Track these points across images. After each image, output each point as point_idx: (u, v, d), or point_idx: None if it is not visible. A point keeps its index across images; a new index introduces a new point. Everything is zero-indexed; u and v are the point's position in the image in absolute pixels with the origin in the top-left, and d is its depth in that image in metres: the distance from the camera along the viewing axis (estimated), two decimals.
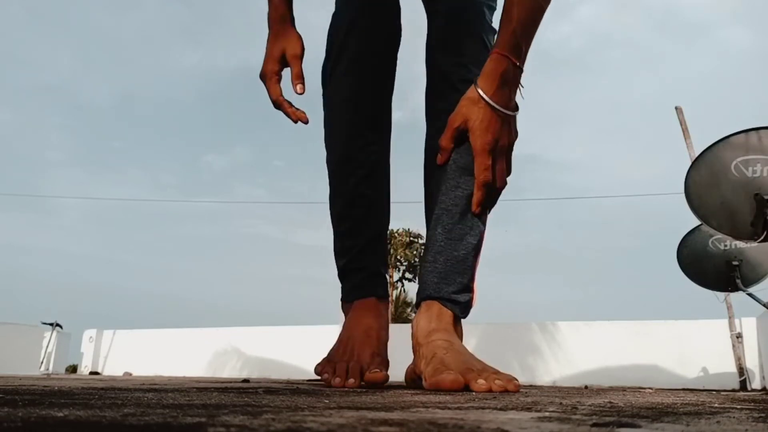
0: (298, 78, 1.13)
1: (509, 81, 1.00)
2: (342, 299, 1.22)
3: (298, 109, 1.14)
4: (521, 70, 1.01)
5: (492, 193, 1.03)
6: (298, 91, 1.13)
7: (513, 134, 1.03)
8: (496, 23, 1.14)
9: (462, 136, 1.03)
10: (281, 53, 1.14)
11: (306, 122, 1.14)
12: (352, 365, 1.04)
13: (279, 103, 1.14)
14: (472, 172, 1.04)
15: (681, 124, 3.32)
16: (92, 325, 4.83)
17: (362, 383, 1.01)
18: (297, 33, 1.16)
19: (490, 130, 1.00)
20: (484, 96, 0.99)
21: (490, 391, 0.82)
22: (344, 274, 1.21)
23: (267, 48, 1.16)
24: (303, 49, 1.15)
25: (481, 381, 0.84)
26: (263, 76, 1.15)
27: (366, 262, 1.19)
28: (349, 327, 1.14)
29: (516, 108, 1.02)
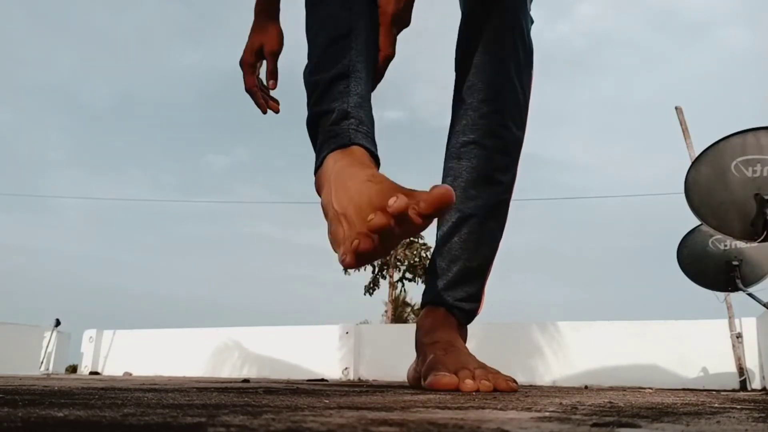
0: (272, 75, 1.13)
1: None
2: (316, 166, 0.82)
3: (272, 98, 1.14)
4: None
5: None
6: (270, 87, 1.13)
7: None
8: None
9: None
10: (259, 47, 1.12)
11: (277, 112, 1.14)
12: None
13: (252, 93, 1.14)
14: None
15: (681, 124, 3.32)
16: (92, 325, 4.83)
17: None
18: (278, 28, 1.13)
19: None
20: None
21: (477, 390, 0.82)
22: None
23: (249, 37, 1.14)
24: (281, 46, 1.13)
25: (468, 381, 0.83)
26: (241, 65, 1.14)
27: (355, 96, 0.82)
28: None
29: None
